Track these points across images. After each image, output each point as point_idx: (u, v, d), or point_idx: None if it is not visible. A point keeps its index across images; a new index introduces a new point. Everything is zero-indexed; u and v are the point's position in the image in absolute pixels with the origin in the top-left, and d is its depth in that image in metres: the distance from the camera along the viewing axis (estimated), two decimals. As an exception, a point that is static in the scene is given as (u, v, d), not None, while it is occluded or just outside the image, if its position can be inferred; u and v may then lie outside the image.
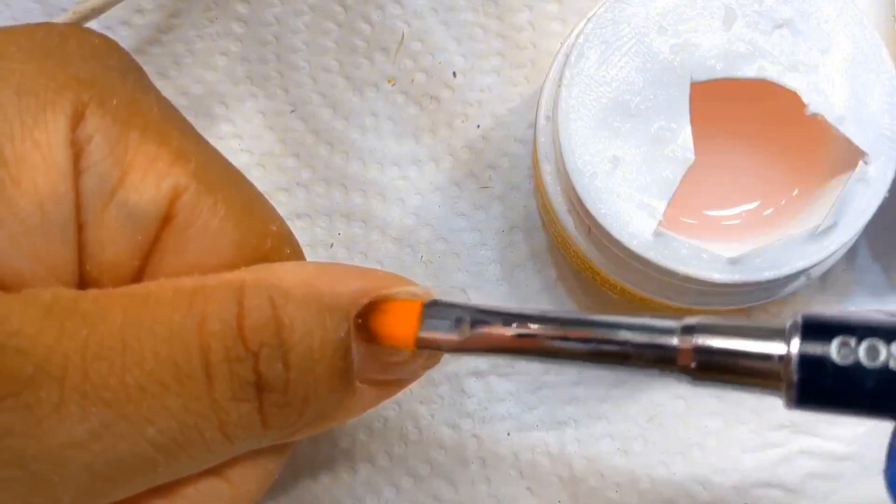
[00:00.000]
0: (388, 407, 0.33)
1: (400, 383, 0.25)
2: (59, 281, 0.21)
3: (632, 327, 0.21)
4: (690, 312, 0.31)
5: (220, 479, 0.24)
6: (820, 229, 0.26)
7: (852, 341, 0.19)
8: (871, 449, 0.32)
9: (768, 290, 0.29)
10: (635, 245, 0.26)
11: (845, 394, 0.19)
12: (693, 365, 0.20)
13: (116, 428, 0.20)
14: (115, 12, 0.32)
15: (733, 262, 0.26)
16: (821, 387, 0.19)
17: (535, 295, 0.33)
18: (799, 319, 0.20)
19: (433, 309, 0.23)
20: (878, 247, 0.33)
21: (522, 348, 0.22)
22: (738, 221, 0.29)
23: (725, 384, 0.21)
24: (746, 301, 0.29)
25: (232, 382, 0.21)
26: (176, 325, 0.21)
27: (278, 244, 0.25)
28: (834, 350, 0.19)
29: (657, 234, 0.26)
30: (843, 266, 0.33)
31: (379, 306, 0.23)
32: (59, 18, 0.31)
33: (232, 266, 0.24)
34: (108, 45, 0.24)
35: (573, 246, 0.29)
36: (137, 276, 0.23)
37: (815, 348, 0.19)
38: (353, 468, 0.33)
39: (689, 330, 0.21)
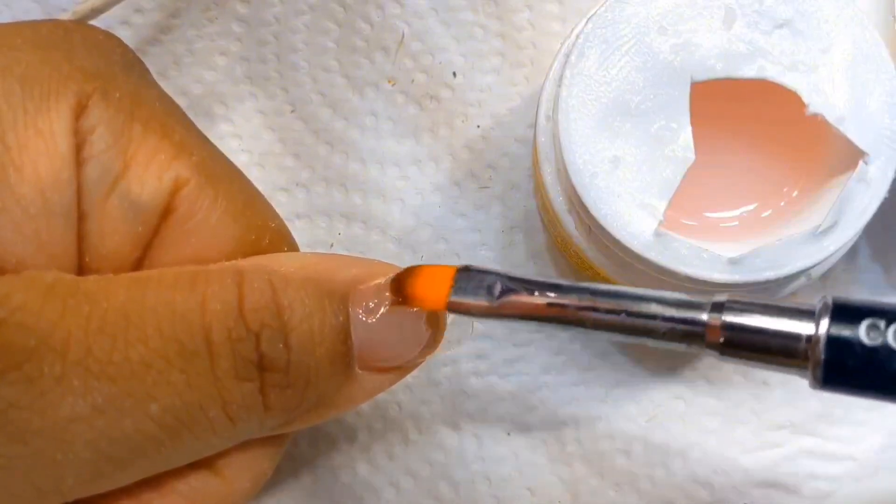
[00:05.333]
0: (389, 407, 0.33)
1: (400, 371, 0.25)
2: (60, 270, 0.22)
3: (662, 301, 0.22)
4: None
5: (213, 474, 0.24)
6: (820, 229, 0.26)
7: (882, 323, 0.19)
8: (871, 449, 0.32)
9: (768, 290, 0.29)
10: (636, 245, 0.26)
11: (871, 375, 0.19)
12: (721, 341, 0.21)
13: (120, 404, 0.20)
14: (115, 12, 0.32)
15: (734, 262, 0.26)
16: (847, 367, 0.20)
17: (535, 295, 0.33)
18: (829, 301, 0.20)
19: (465, 274, 0.23)
20: (878, 247, 0.33)
21: (551, 316, 0.23)
22: (737, 223, 0.29)
23: (752, 361, 0.21)
24: (746, 301, 0.29)
25: (235, 361, 0.21)
26: (178, 304, 0.21)
27: (277, 241, 0.25)
28: (863, 331, 0.19)
29: (658, 234, 0.26)
30: (843, 266, 0.33)
31: (414, 270, 0.24)
32: (59, 18, 0.31)
33: (230, 260, 0.24)
34: (112, 41, 0.25)
35: (573, 246, 0.29)
36: (137, 268, 0.23)
37: (844, 329, 0.20)
38: (353, 468, 0.33)
39: (718, 307, 0.21)
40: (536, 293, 0.23)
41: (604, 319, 0.22)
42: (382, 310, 0.24)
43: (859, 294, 0.33)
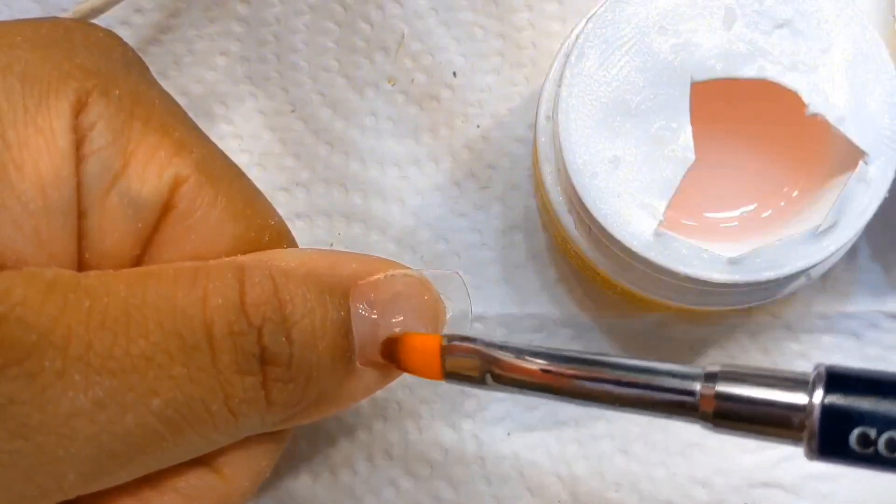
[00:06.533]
0: (388, 407, 0.33)
1: None
2: (60, 267, 0.22)
3: (654, 371, 0.21)
4: (693, 312, 0.31)
5: (212, 472, 0.24)
6: (820, 229, 0.26)
7: (872, 433, 0.19)
8: (870, 449, 0.32)
9: (768, 290, 0.29)
10: (636, 245, 0.26)
11: (866, 462, 0.19)
12: (714, 412, 0.21)
13: (122, 398, 0.20)
14: (115, 12, 0.32)
15: (734, 262, 0.26)
16: (843, 443, 0.19)
17: (535, 295, 0.33)
18: (822, 371, 0.20)
19: (451, 346, 0.23)
20: (878, 247, 0.33)
21: (543, 386, 0.23)
22: (737, 223, 0.29)
23: (746, 432, 0.21)
24: (746, 301, 0.29)
25: (237, 355, 0.21)
26: (179, 299, 0.21)
27: (276, 238, 0.25)
28: (854, 441, 0.19)
29: (658, 234, 0.26)
30: (843, 266, 0.33)
31: (400, 342, 0.24)
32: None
33: (230, 257, 0.24)
34: (112, 39, 0.25)
35: (573, 246, 0.29)
36: (136, 266, 0.23)
37: (838, 401, 0.19)
38: (352, 468, 0.33)
39: (711, 377, 0.21)
40: (527, 363, 0.23)
41: (597, 390, 0.22)
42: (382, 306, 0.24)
43: (860, 294, 0.33)
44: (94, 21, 0.31)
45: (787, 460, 0.32)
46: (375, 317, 0.24)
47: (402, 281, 0.25)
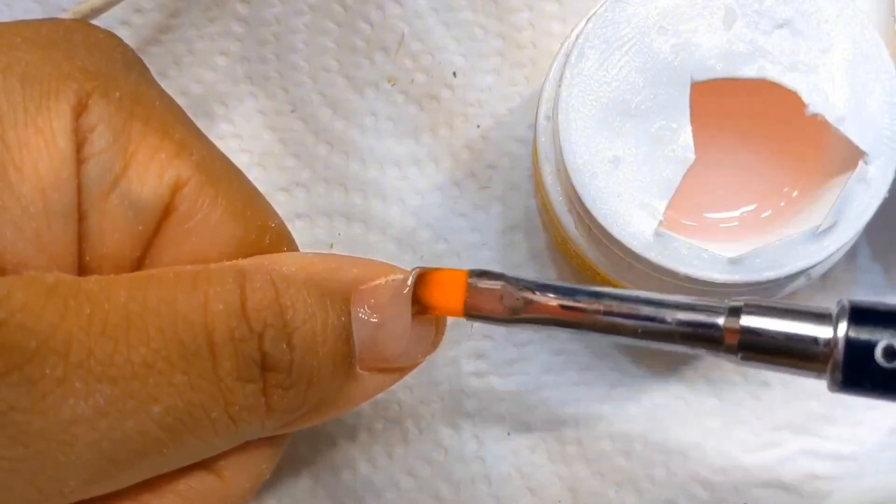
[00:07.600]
0: (389, 407, 0.33)
1: (400, 371, 0.25)
2: (60, 270, 0.22)
3: (679, 306, 0.22)
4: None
5: (212, 475, 0.24)
6: (820, 229, 0.26)
7: None
8: (870, 449, 0.32)
9: (768, 290, 0.29)
10: (636, 245, 0.26)
11: (890, 386, 0.20)
12: (738, 345, 0.21)
13: (122, 405, 0.20)
14: (114, 12, 0.32)
15: (734, 262, 0.26)
16: (865, 376, 0.20)
17: (535, 295, 0.33)
18: (846, 304, 0.20)
19: (480, 279, 0.23)
20: (878, 247, 0.33)
21: (568, 321, 0.23)
22: (737, 223, 0.29)
23: (769, 365, 0.21)
24: (746, 301, 0.29)
25: (237, 361, 0.21)
26: (180, 304, 0.21)
27: (277, 240, 0.25)
28: (879, 354, 0.19)
29: (658, 234, 0.26)
30: (843, 266, 0.33)
31: (427, 277, 0.24)
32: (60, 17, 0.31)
33: (231, 260, 0.24)
34: (113, 40, 0.25)
35: (573, 246, 0.29)
36: (137, 268, 0.23)
37: (862, 333, 0.20)
38: (353, 468, 0.33)
39: (735, 311, 0.21)
40: (553, 298, 0.23)
41: (620, 324, 0.22)
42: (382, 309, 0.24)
43: (860, 295, 0.33)
44: (94, 21, 0.31)
45: (787, 460, 0.32)
46: (376, 321, 0.24)
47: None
